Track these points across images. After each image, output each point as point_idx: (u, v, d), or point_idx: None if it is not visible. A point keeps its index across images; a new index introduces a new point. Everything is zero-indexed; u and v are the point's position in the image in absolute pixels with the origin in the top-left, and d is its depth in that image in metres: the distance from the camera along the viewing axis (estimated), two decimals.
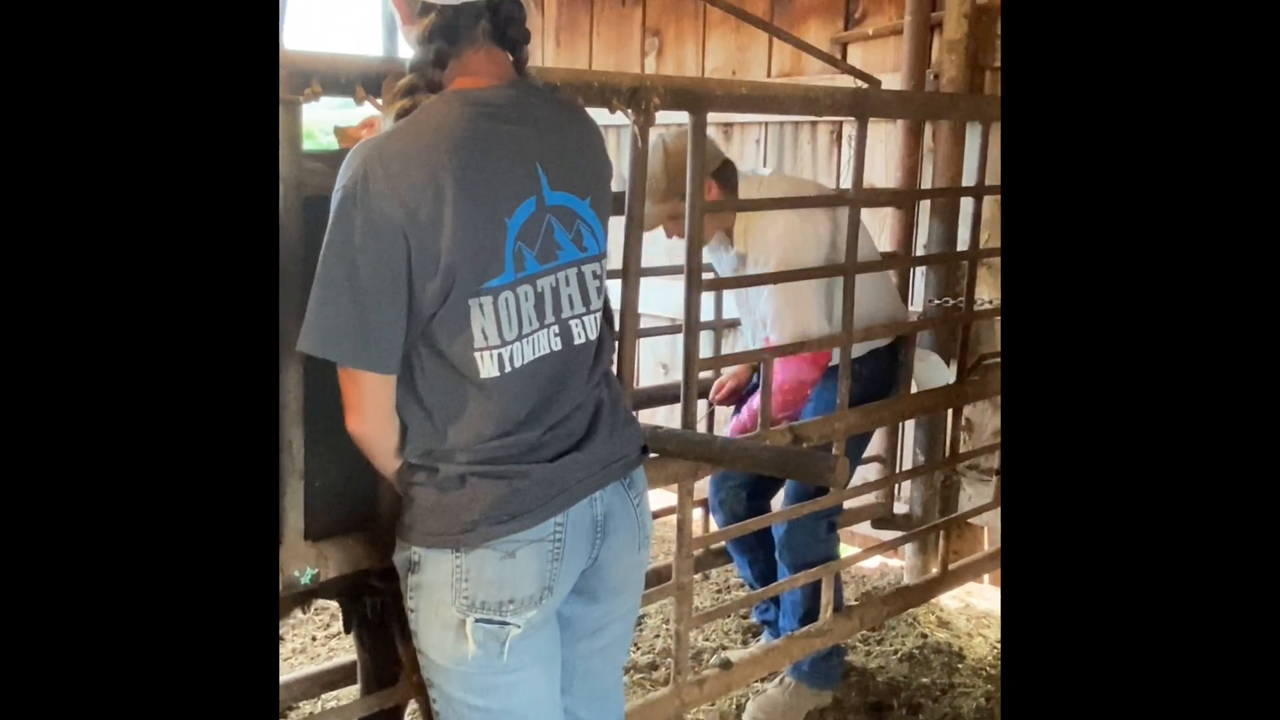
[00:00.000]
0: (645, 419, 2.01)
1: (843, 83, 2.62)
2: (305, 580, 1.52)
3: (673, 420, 2.13)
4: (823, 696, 2.61)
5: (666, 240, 2.39)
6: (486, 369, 1.31)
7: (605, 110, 1.69)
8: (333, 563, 1.55)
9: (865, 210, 2.33)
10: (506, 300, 1.30)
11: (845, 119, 3.23)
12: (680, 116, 1.90)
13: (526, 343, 1.33)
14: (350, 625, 1.88)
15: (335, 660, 2.50)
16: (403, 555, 1.39)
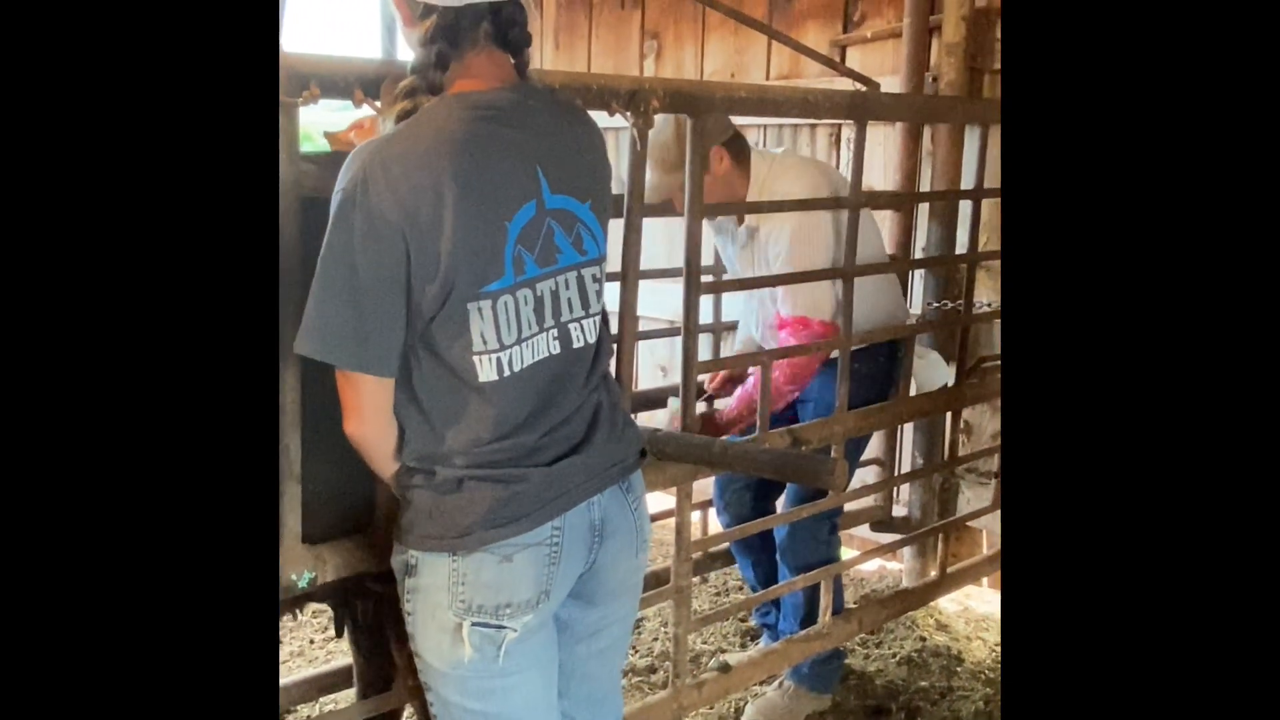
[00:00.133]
0: (643, 421, 2.01)
1: (841, 85, 2.62)
2: (303, 584, 1.51)
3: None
4: (822, 700, 2.61)
5: (666, 242, 2.39)
6: (485, 373, 1.31)
7: (604, 113, 1.69)
8: (330, 566, 1.55)
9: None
10: (506, 304, 1.30)
11: (844, 122, 3.23)
12: None
13: (526, 346, 1.33)
14: (342, 629, 1.87)
15: (333, 664, 2.49)
16: (400, 558, 1.39)
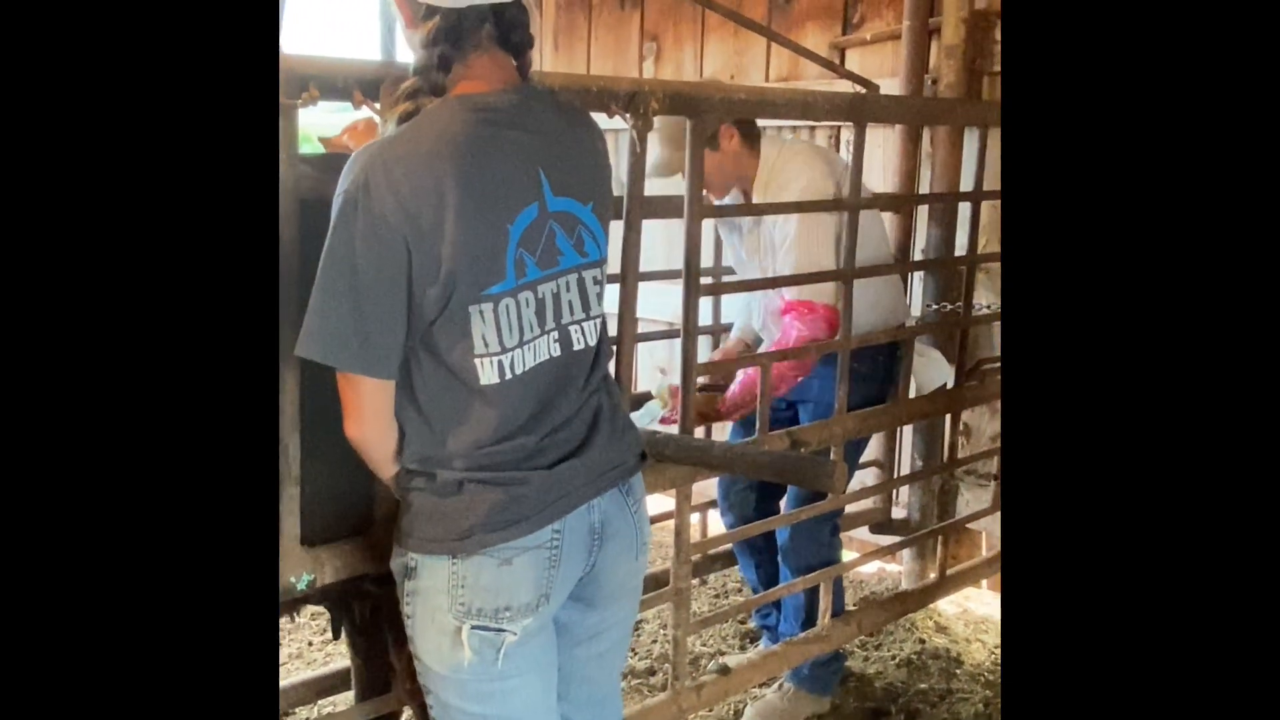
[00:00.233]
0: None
1: (841, 88, 2.62)
2: (301, 586, 1.51)
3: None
4: (821, 702, 2.61)
5: (665, 243, 2.39)
6: (486, 375, 1.30)
7: (603, 114, 1.69)
8: (329, 568, 1.55)
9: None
10: (507, 307, 1.30)
11: (843, 124, 3.23)
12: None
13: (527, 349, 1.33)
14: (339, 631, 1.87)
15: (331, 666, 2.49)
16: (400, 561, 1.38)
